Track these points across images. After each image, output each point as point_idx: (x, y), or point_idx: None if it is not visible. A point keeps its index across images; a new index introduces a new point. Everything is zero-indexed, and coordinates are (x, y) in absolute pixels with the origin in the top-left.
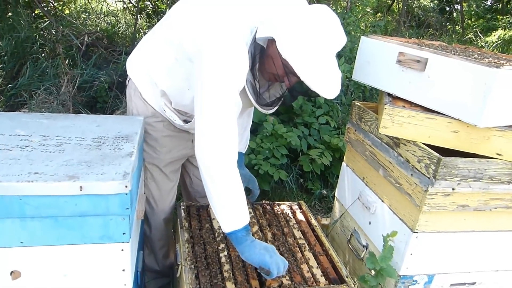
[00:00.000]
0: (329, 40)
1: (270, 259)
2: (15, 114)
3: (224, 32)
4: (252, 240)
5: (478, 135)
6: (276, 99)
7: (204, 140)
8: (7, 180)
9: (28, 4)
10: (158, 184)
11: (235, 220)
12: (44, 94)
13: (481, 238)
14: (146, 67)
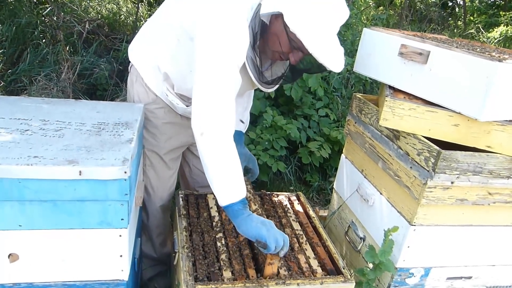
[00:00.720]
0: (335, 13)
1: (267, 232)
2: (15, 99)
3: (222, 7)
4: (249, 214)
5: (479, 129)
6: (277, 78)
7: (201, 111)
8: (6, 163)
9: None
10: (157, 171)
11: (231, 193)
12: (44, 80)
13: (479, 232)
14: (148, 52)
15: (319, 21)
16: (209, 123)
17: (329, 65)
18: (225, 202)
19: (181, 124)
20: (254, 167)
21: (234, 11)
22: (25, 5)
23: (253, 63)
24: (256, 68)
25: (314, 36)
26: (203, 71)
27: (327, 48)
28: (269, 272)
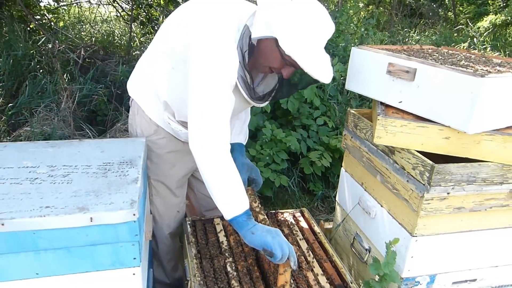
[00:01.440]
0: (323, 29)
1: (272, 240)
2: (21, 144)
3: (212, 29)
4: (254, 224)
5: (469, 140)
6: (268, 92)
7: (198, 133)
8: (20, 216)
9: (22, 18)
10: (163, 199)
11: (234, 207)
12: (44, 111)
13: (479, 236)
14: (146, 84)
15: (310, 40)
16: (206, 142)
17: (322, 79)
18: (230, 216)
19: (184, 151)
20: (257, 177)
21: (222, 34)
22: (20, 36)
23: (244, 81)
24: (247, 86)
25: (307, 55)
26: (197, 92)
27: (319, 64)
28: (282, 282)
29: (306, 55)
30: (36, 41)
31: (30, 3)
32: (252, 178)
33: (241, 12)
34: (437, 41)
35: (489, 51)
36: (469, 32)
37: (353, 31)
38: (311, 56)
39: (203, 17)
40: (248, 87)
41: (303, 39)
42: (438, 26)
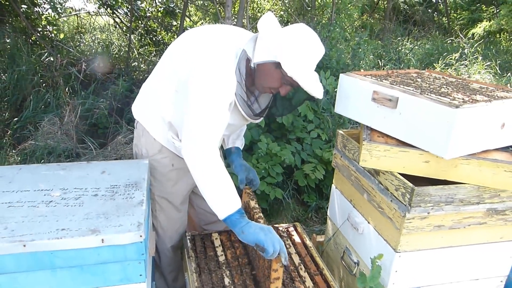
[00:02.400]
0: (316, 54)
1: (265, 236)
2: (34, 167)
3: (211, 54)
4: (247, 222)
5: (447, 164)
6: (263, 109)
7: (190, 140)
8: (39, 238)
9: (24, 30)
10: (167, 215)
11: (227, 206)
12: (48, 125)
13: (459, 251)
14: (151, 106)
15: (307, 62)
16: (197, 147)
17: (318, 95)
18: (223, 215)
19: (186, 169)
20: (254, 177)
21: (221, 58)
22: (23, 50)
23: (243, 101)
24: (246, 105)
25: (306, 76)
26: (195, 105)
27: (315, 82)
28: (274, 279)
29: (305, 76)
30: (39, 55)
31: (32, 15)
32: (249, 178)
33: (238, 39)
34: (430, 50)
35: (480, 60)
36: (460, 43)
37: (345, 45)
38: (309, 76)
39: (205, 44)
40: (247, 106)
41: (302, 62)
42: (432, 32)
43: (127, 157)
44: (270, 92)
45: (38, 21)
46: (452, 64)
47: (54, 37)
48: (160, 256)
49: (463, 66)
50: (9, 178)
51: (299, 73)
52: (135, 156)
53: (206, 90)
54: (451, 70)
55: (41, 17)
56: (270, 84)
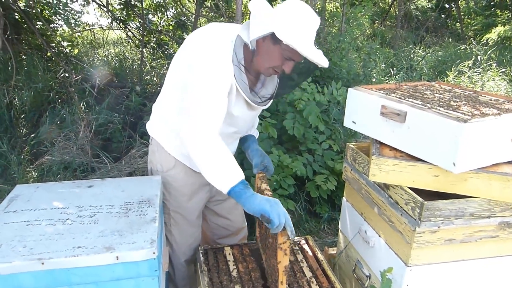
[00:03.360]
0: (312, 22)
1: (271, 207)
2: (50, 185)
3: (207, 42)
4: (252, 193)
5: (456, 178)
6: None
7: (189, 121)
8: (57, 256)
9: (39, 47)
10: (181, 229)
11: (229, 178)
12: (63, 140)
13: (470, 265)
14: (162, 121)
15: (304, 29)
16: (195, 125)
17: (321, 62)
18: (226, 188)
19: (200, 183)
20: (269, 164)
21: (217, 45)
22: (39, 67)
23: (244, 85)
24: (248, 89)
25: (304, 42)
26: (193, 90)
27: (314, 50)
28: (281, 256)
29: (303, 41)
30: (54, 72)
31: (47, 32)
32: (264, 164)
33: (235, 29)
34: (442, 58)
35: (494, 67)
36: (473, 50)
37: (356, 55)
38: (307, 43)
39: (201, 37)
40: (249, 90)
41: (298, 29)
42: (445, 39)
43: (140, 171)
44: (275, 72)
45: (52, 37)
46: (465, 71)
47: (68, 53)
48: (175, 270)
49: (476, 73)
50: (27, 197)
51: (295, 38)
52: (149, 172)
53: (203, 74)
54: (465, 77)
55: (56, 33)
56: (272, 62)
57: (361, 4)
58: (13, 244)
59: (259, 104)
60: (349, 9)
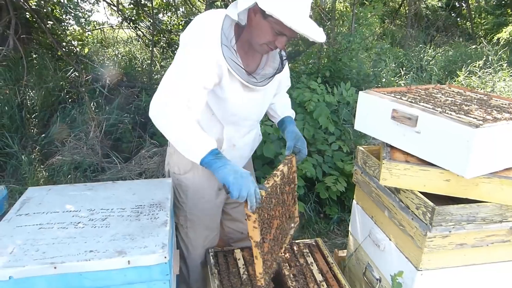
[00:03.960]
0: None
1: (234, 180)
2: (62, 188)
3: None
4: (222, 164)
5: (468, 182)
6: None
7: (156, 93)
8: (69, 260)
9: (50, 47)
10: (197, 232)
11: (197, 150)
12: (74, 140)
13: (482, 269)
14: None
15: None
16: (160, 99)
17: (312, 35)
18: (198, 159)
19: (218, 185)
20: (302, 147)
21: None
22: (50, 67)
23: (235, 66)
24: (239, 68)
25: (288, 12)
26: (170, 68)
27: (304, 21)
28: (250, 230)
29: (288, 11)
30: (65, 72)
31: (57, 31)
32: (298, 148)
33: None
34: (453, 57)
35: (505, 67)
36: (484, 50)
37: (366, 55)
38: (294, 14)
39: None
40: (240, 68)
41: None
42: (456, 38)
43: (150, 171)
44: (269, 49)
45: (63, 37)
46: (476, 72)
47: (78, 52)
48: (189, 272)
49: (487, 73)
50: (39, 199)
51: (279, 8)
52: (167, 174)
53: (185, 50)
54: (475, 78)
55: (66, 32)
56: (263, 38)
57: (371, 4)
58: (25, 248)
59: (256, 84)
60: (359, 9)
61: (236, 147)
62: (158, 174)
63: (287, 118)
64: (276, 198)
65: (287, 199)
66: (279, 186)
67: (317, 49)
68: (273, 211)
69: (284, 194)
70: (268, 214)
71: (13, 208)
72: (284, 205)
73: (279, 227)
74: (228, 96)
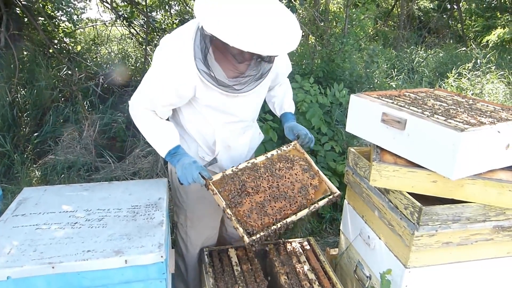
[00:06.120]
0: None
1: (181, 173)
2: (59, 188)
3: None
4: (177, 161)
5: (454, 184)
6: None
7: (132, 97)
8: (67, 260)
9: (41, 44)
10: (198, 231)
11: (160, 150)
12: (67, 139)
13: (467, 267)
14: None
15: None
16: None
17: (260, 51)
18: (163, 157)
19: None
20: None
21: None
22: (42, 65)
23: (208, 75)
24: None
25: (233, 31)
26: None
27: (253, 36)
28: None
29: (230, 30)
30: (57, 70)
31: (48, 27)
32: (296, 134)
33: None
34: (443, 59)
35: (493, 70)
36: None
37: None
38: (235, 28)
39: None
40: (215, 80)
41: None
42: (447, 41)
43: (144, 171)
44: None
45: (55, 33)
46: (465, 74)
47: (71, 49)
48: (188, 270)
49: (476, 76)
50: (35, 200)
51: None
52: (169, 173)
53: (157, 62)
54: (465, 79)
55: (58, 28)
56: (229, 53)
57: (364, 6)
58: (23, 248)
59: (237, 92)
60: (352, 10)
61: (232, 148)
62: (152, 174)
63: (284, 116)
64: (254, 173)
65: (286, 174)
66: (261, 164)
67: (311, 50)
68: (252, 182)
69: (277, 170)
70: (240, 185)
71: (9, 209)
72: (281, 178)
73: (272, 195)
74: (213, 104)
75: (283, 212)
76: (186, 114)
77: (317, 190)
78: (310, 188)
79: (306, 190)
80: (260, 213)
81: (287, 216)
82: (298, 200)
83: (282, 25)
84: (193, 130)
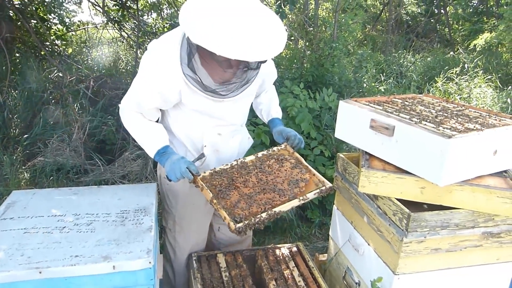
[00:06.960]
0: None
1: (168, 168)
2: (48, 192)
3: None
4: (165, 160)
5: (442, 190)
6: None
7: (122, 101)
8: (55, 265)
9: (33, 46)
10: (186, 236)
11: (149, 150)
12: (57, 142)
13: (457, 273)
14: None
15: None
16: (122, 107)
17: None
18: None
19: None
20: (289, 133)
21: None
22: (33, 67)
23: (195, 80)
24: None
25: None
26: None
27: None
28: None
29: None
30: (48, 72)
31: (40, 29)
32: (285, 137)
33: None
34: (431, 63)
35: (481, 74)
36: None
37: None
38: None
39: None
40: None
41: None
42: (435, 45)
43: (134, 174)
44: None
45: (46, 36)
46: (453, 78)
47: (62, 52)
48: (176, 276)
49: (464, 80)
50: (24, 203)
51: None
52: (158, 178)
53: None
54: (453, 84)
55: (50, 31)
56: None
57: (352, 12)
58: (10, 253)
59: (220, 97)
60: (341, 15)
61: (220, 152)
62: (142, 177)
63: (270, 121)
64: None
65: (276, 170)
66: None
67: (300, 55)
68: (241, 177)
69: (267, 167)
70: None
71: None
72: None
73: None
74: (200, 108)
75: (273, 203)
76: (175, 118)
77: (308, 183)
78: (300, 181)
79: (297, 183)
80: (248, 202)
81: (276, 206)
82: (287, 193)
83: (266, 28)
84: (182, 134)
